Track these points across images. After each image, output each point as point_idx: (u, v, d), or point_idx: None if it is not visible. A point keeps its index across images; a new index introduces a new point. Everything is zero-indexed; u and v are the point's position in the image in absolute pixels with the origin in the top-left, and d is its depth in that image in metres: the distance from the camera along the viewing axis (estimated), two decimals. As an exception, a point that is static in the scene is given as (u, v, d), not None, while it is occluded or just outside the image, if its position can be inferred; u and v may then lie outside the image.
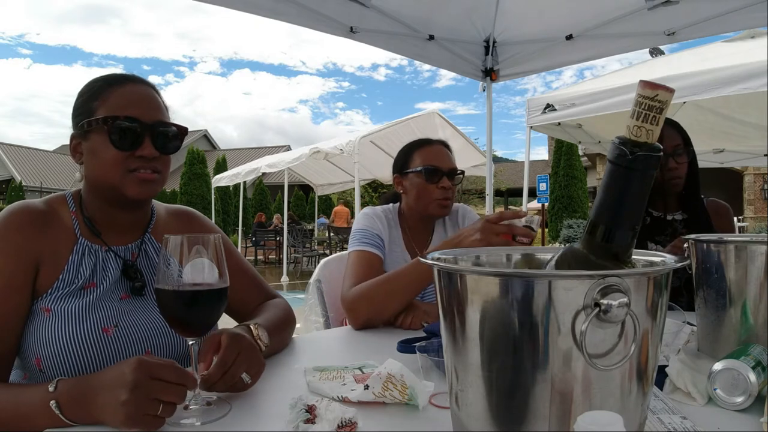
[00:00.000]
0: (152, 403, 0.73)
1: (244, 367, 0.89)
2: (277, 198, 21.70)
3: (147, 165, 1.04)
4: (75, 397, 0.78)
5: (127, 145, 1.02)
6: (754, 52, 3.57)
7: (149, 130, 1.03)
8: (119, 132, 1.02)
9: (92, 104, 1.06)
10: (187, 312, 0.83)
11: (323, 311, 1.82)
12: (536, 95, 4.86)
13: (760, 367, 0.83)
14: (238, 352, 0.89)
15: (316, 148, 8.72)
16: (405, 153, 1.77)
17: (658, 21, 2.80)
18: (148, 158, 1.03)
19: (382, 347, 1.23)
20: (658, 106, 0.55)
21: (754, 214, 16.73)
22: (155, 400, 0.73)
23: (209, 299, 0.83)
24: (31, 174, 27.53)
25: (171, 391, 0.75)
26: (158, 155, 1.05)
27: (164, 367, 0.76)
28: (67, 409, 0.77)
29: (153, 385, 0.74)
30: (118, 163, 1.02)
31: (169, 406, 0.75)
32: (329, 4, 2.65)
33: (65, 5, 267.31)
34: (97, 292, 1.05)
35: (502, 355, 0.56)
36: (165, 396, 0.74)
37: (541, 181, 13.82)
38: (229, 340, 0.89)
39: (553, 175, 17.68)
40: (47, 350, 0.98)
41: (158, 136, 1.05)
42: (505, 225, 1.20)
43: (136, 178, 1.03)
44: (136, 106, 1.05)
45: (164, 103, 1.14)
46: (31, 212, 1.04)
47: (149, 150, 1.03)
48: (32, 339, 0.99)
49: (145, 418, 0.73)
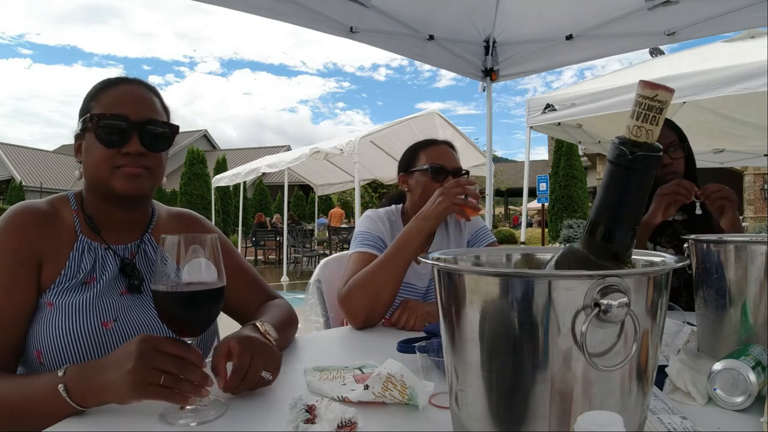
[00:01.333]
0: (154, 372, 0.76)
1: (261, 366, 0.89)
2: (277, 198, 21.71)
3: (134, 162, 1.06)
4: (83, 379, 0.81)
5: (114, 142, 1.05)
6: (754, 52, 3.57)
7: (137, 128, 1.05)
8: (106, 129, 1.04)
9: (90, 105, 1.09)
10: (183, 312, 0.83)
11: (323, 311, 1.82)
12: (536, 95, 4.85)
13: (760, 367, 0.83)
14: (252, 353, 0.89)
15: (316, 148, 8.71)
16: (411, 152, 1.78)
17: (658, 21, 2.81)
18: (134, 155, 1.05)
19: (382, 347, 1.23)
20: (657, 106, 0.55)
21: (754, 214, 16.74)
22: (157, 370, 0.77)
23: (206, 299, 0.83)
24: (31, 174, 27.54)
25: (173, 363, 0.78)
26: (146, 152, 1.06)
27: (167, 340, 0.81)
28: (75, 393, 0.80)
29: (156, 356, 0.78)
30: (106, 159, 1.05)
31: (170, 377, 0.77)
32: (329, 4, 2.65)
33: (65, 5, 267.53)
34: (98, 287, 1.07)
35: (502, 355, 0.56)
36: (166, 366, 0.77)
37: (541, 181, 13.84)
38: (240, 345, 0.89)
39: (553, 175, 17.70)
40: (47, 343, 0.99)
41: (146, 133, 1.06)
42: (459, 187, 1.40)
43: (122, 173, 1.05)
44: (126, 104, 1.07)
45: (162, 104, 1.15)
46: (33, 212, 1.07)
47: (135, 146, 1.05)
48: (33, 332, 1.01)
49: (149, 387, 0.76)
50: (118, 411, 0.84)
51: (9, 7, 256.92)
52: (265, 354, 0.92)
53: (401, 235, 1.43)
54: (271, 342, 1.00)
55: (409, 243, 1.41)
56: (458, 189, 1.41)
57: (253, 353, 0.89)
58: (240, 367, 0.87)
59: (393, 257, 1.41)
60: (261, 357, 0.90)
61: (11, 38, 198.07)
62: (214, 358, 0.90)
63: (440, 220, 1.41)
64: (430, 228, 1.42)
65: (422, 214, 1.42)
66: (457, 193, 1.40)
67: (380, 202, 1.99)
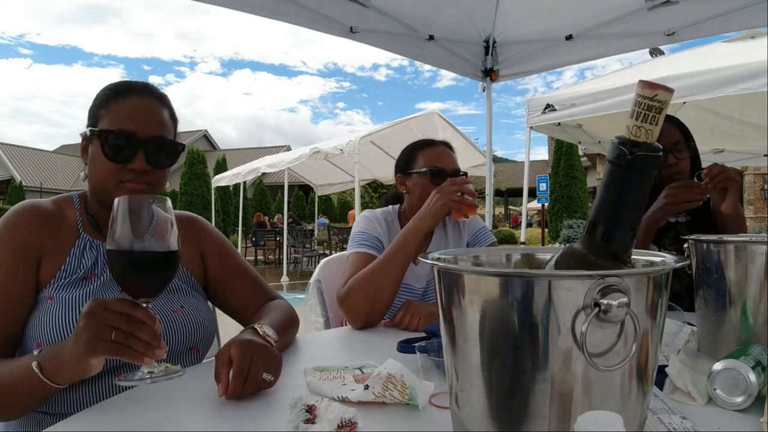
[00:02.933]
0: (104, 327, 0.78)
1: (261, 368, 0.89)
2: (277, 198, 21.71)
3: (138, 178, 1.08)
4: (53, 355, 0.84)
5: (120, 158, 1.06)
6: (754, 52, 3.57)
7: (143, 145, 1.07)
8: (113, 146, 1.06)
9: (99, 112, 1.11)
10: (134, 274, 0.83)
11: (323, 311, 1.82)
12: (536, 95, 4.86)
13: (760, 367, 0.83)
14: (251, 356, 0.89)
15: (316, 149, 8.72)
16: (408, 153, 1.77)
17: (658, 21, 2.81)
18: (139, 171, 1.07)
19: (382, 347, 1.23)
20: (657, 105, 0.55)
21: (754, 214, 16.74)
22: (107, 326, 0.78)
23: (157, 264, 0.83)
24: (31, 174, 27.55)
25: (121, 319, 0.79)
26: (150, 169, 1.08)
27: (116, 300, 0.82)
28: (47, 369, 0.83)
29: (104, 313, 0.79)
30: (112, 174, 1.07)
31: (121, 333, 0.78)
32: (329, 4, 2.65)
33: (65, 5, 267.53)
34: (98, 282, 1.09)
35: (502, 355, 0.56)
36: (114, 321, 0.78)
37: (541, 181, 13.84)
38: (239, 351, 0.89)
39: (553, 175, 17.70)
40: (47, 336, 1.01)
41: (152, 151, 1.08)
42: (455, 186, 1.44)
43: (126, 188, 1.07)
44: (134, 119, 1.08)
45: (171, 114, 1.16)
46: (37, 210, 1.10)
47: (140, 164, 1.07)
48: (33, 324, 1.03)
49: (100, 343, 0.78)
50: (117, 411, 0.84)
51: (9, 7, 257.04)
52: (265, 356, 0.92)
53: (400, 235, 1.44)
54: (271, 343, 1.00)
55: (407, 243, 1.42)
56: (454, 188, 1.44)
57: (253, 356, 0.89)
58: (240, 370, 0.87)
59: (392, 257, 1.41)
60: (261, 359, 0.90)
61: (11, 38, 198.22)
62: (216, 366, 0.90)
63: (438, 217, 1.42)
64: (428, 227, 1.43)
65: (420, 213, 1.44)
66: (454, 191, 1.43)
67: (380, 202, 1.99)
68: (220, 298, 1.30)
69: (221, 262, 1.29)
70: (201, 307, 1.21)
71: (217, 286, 1.28)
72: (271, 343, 1.00)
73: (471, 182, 1.51)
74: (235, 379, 0.87)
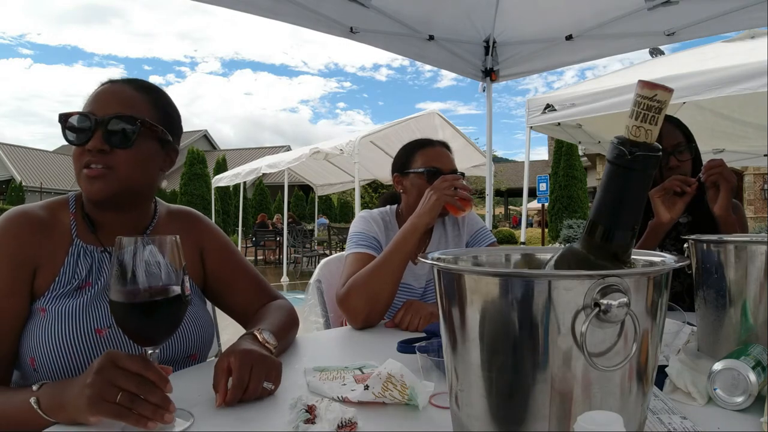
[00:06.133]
0: (111, 388, 0.73)
1: (262, 378, 0.88)
2: (277, 198, 21.71)
3: (96, 160, 1.01)
4: (53, 394, 0.80)
5: (78, 140, 1.02)
6: (754, 52, 3.57)
7: (101, 124, 1.01)
8: (71, 127, 1.03)
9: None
10: (139, 323, 0.78)
11: (323, 311, 1.82)
12: (536, 95, 4.86)
13: (760, 367, 0.83)
14: (251, 366, 0.88)
15: (316, 149, 8.72)
16: (406, 152, 1.76)
17: (658, 21, 2.80)
18: (95, 152, 1.01)
19: (382, 347, 1.23)
20: (656, 105, 0.55)
21: (754, 214, 16.72)
22: (114, 386, 0.73)
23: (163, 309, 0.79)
24: (31, 174, 27.54)
25: (131, 380, 0.74)
26: (108, 149, 1.01)
27: (130, 357, 0.77)
28: (46, 407, 0.79)
29: (114, 372, 0.75)
30: (75, 158, 1.04)
31: (127, 395, 0.73)
32: (329, 4, 2.65)
33: (66, 5, 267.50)
34: (92, 291, 1.05)
35: (502, 355, 0.56)
36: (123, 383, 0.74)
37: (541, 181, 13.84)
38: (239, 361, 0.88)
39: (553, 175, 17.70)
40: (41, 350, 0.98)
41: (112, 130, 1.01)
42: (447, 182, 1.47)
43: (85, 175, 1.03)
44: (96, 101, 1.04)
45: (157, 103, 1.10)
46: (28, 218, 1.05)
47: (95, 142, 1.00)
48: (27, 339, 1.00)
49: (104, 404, 0.73)
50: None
51: (9, 7, 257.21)
52: (264, 365, 0.91)
53: (398, 235, 1.44)
54: (271, 350, 1.00)
55: (406, 242, 1.42)
56: (446, 183, 1.47)
57: (253, 366, 0.88)
58: (240, 381, 0.86)
59: (391, 257, 1.42)
60: (261, 369, 0.89)
61: (12, 38, 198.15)
62: (215, 375, 0.89)
63: (433, 213, 1.44)
64: (425, 224, 1.44)
65: (416, 212, 1.47)
66: (446, 186, 1.47)
67: (378, 202, 1.99)
68: (220, 297, 1.28)
69: (221, 261, 1.26)
70: (201, 314, 1.18)
71: (216, 285, 1.26)
72: (270, 350, 1.00)
73: (461, 178, 1.54)
74: (234, 389, 0.86)
